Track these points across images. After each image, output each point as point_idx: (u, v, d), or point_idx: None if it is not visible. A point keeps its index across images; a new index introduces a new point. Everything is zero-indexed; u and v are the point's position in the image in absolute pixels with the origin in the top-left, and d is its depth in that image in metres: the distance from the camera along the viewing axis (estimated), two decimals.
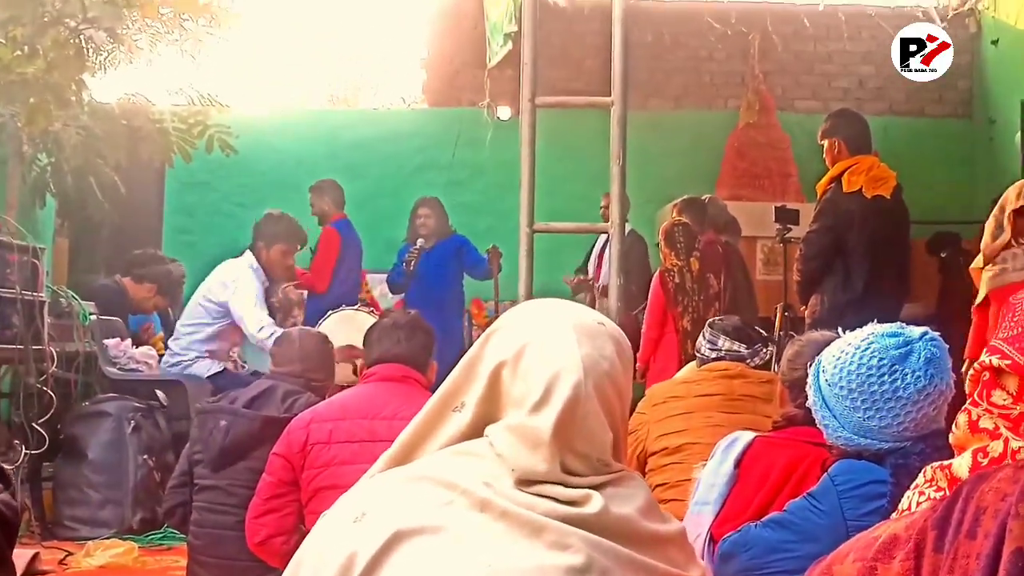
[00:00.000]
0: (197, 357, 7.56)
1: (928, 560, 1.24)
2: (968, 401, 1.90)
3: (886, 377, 2.54)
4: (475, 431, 1.84)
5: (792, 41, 11.45)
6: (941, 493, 1.89)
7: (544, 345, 1.82)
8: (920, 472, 2.03)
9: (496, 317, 1.99)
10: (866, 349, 2.58)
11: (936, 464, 1.97)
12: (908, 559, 1.27)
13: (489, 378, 1.83)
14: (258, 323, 7.27)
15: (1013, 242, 5.76)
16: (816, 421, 2.74)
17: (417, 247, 9.07)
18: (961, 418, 1.91)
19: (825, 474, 2.72)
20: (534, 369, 1.79)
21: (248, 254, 7.69)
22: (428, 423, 1.89)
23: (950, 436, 1.97)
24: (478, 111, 10.96)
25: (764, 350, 4.23)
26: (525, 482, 1.74)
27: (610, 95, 4.89)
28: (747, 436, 3.26)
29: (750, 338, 4.24)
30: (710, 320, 4.52)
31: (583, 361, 1.80)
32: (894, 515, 2.11)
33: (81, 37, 7.40)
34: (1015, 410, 1.81)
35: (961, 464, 1.87)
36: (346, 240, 9.16)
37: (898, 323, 2.67)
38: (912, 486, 2.04)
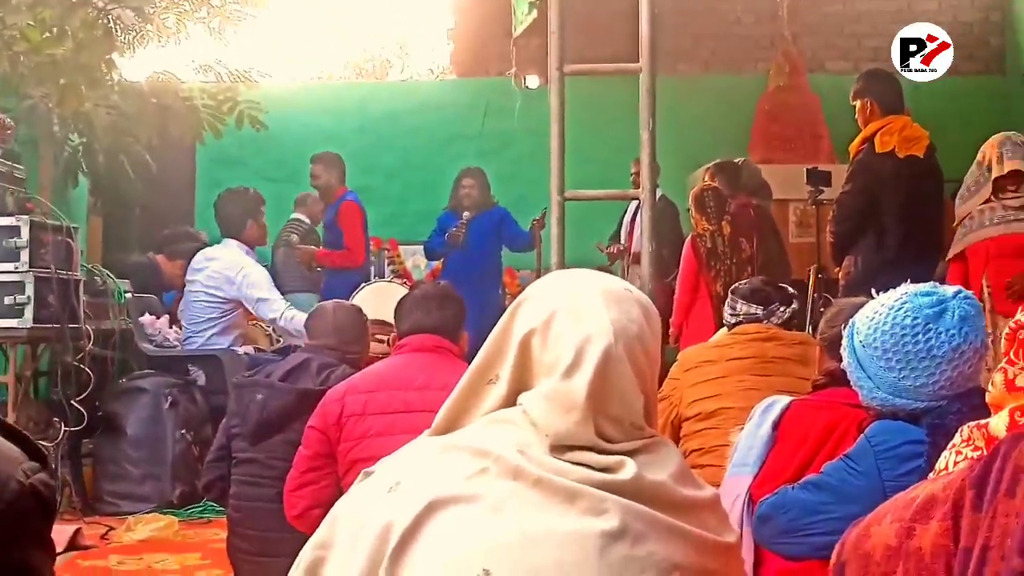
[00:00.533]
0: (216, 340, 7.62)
1: (967, 519, 1.24)
2: (1004, 360, 1.90)
3: (920, 336, 2.53)
4: (510, 401, 1.85)
5: (821, 2, 11.36)
6: (978, 452, 1.89)
7: (573, 311, 1.83)
8: (957, 432, 2.03)
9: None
10: (900, 308, 2.57)
11: (973, 423, 1.98)
12: (946, 519, 1.26)
13: (519, 347, 1.84)
14: (276, 311, 7.33)
15: (992, 198, 5.88)
16: (851, 383, 2.74)
17: (464, 219, 9.06)
18: (997, 377, 1.90)
19: (862, 435, 2.72)
20: (564, 335, 1.80)
21: (233, 242, 7.71)
22: (465, 397, 1.90)
23: (986, 395, 1.97)
24: (506, 81, 10.92)
25: (780, 309, 4.19)
26: (559, 448, 1.75)
27: (638, 61, 4.87)
28: (784, 400, 3.27)
29: (767, 298, 4.20)
30: (733, 286, 4.51)
31: (613, 325, 1.81)
32: (931, 475, 2.11)
33: (109, 17, 7.43)
34: None
35: (998, 423, 1.87)
36: (364, 210, 9.16)
37: (931, 283, 2.66)
38: (949, 446, 2.05)
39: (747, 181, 7.89)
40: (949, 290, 2.60)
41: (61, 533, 5.87)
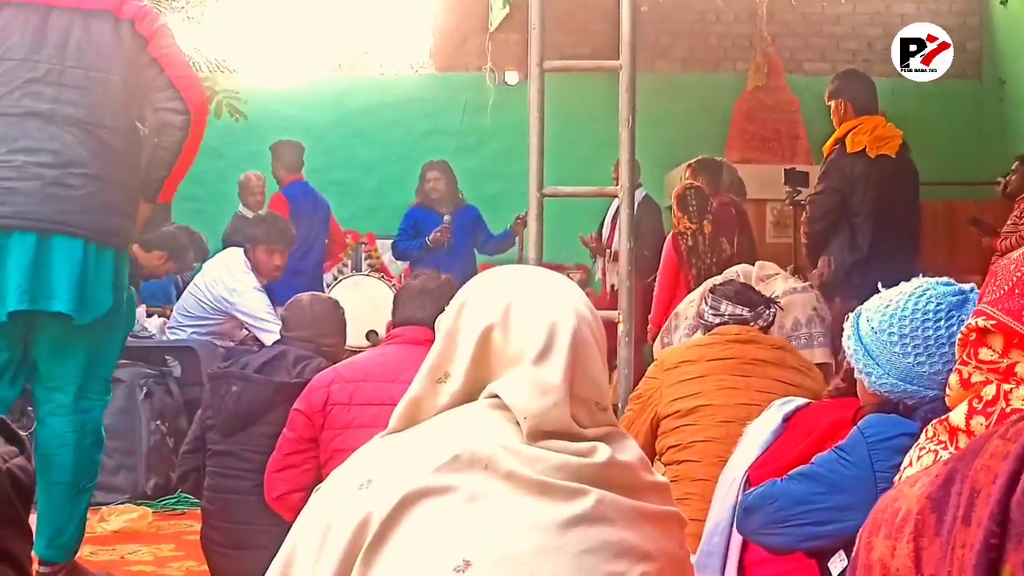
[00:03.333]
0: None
1: (929, 548, 1.24)
2: (958, 362, 2.00)
3: (942, 322, 2.55)
4: (465, 396, 1.88)
5: (800, 3, 11.40)
6: (942, 445, 1.99)
7: (531, 301, 1.88)
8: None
9: None
10: (920, 296, 2.59)
11: (935, 420, 2.06)
12: (911, 541, 1.27)
13: (478, 342, 1.87)
14: (273, 337, 7.28)
15: None
16: (856, 371, 2.74)
17: (447, 221, 8.84)
18: (953, 379, 2.00)
19: (854, 427, 2.74)
20: (528, 323, 1.85)
21: (239, 255, 7.54)
22: (418, 398, 1.92)
23: (946, 399, 2.06)
24: (482, 75, 10.94)
25: (767, 312, 4.24)
26: (536, 433, 1.78)
27: (618, 58, 4.88)
28: (802, 400, 3.32)
29: (752, 301, 4.25)
30: (711, 285, 4.53)
31: (574, 309, 1.87)
32: (898, 476, 2.16)
33: None
34: (1002, 363, 1.90)
35: (958, 414, 1.97)
36: (296, 204, 8.89)
37: (945, 277, 2.69)
38: (915, 444, 2.11)
39: (726, 180, 7.92)
40: (965, 285, 2.63)
41: (34, 523, 5.85)
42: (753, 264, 6.23)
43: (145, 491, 6.80)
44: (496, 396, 1.84)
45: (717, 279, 5.38)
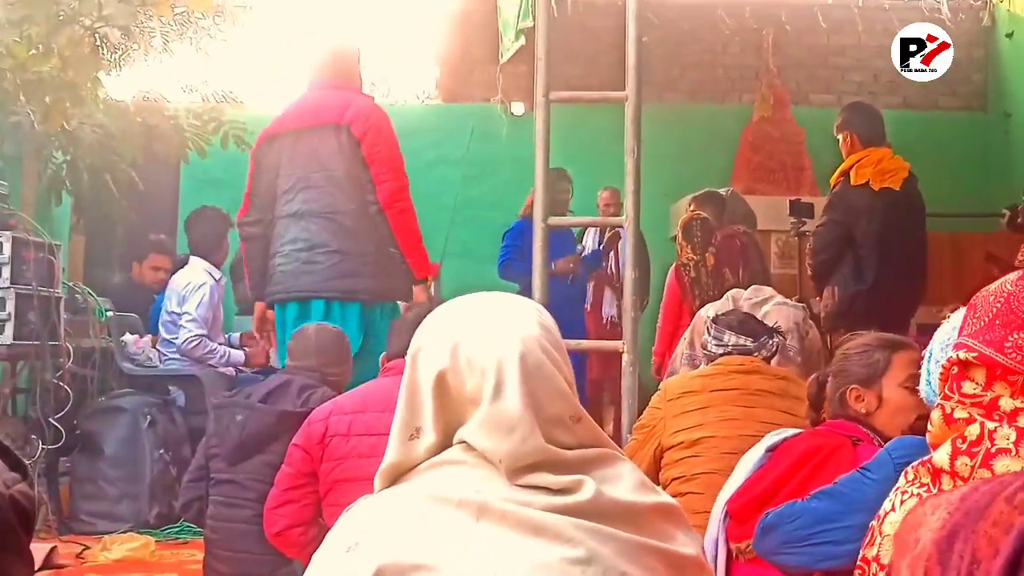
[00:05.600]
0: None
1: None
2: (940, 398, 1.98)
3: None
4: (441, 447, 1.84)
5: (806, 35, 11.42)
6: (924, 488, 1.96)
7: (474, 337, 1.83)
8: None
9: None
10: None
11: (915, 462, 2.02)
12: None
13: (434, 391, 1.83)
14: (186, 332, 7.60)
15: None
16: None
17: (579, 251, 8.58)
18: (935, 415, 1.98)
19: (882, 448, 2.73)
20: (477, 361, 1.80)
21: (199, 262, 7.87)
22: (396, 460, 1.87)
23: (927, 435, 2.03)
24: (492, 107, 10.95)
25: (770, 342, 4.23)
26: (516, 471, 1.74)
27: (624, 89, 4.89)
28: (791, 431, 3.32)
29: (755, 331, 4.24)
30: (713, 316, 4.52)
31: (518, 332, 1.83)
32: (875, 520, 2.13)
33: (96, 35, 7.42)
34: (986, 397, 1.89)
35: (941, 454, 1.94)
36: None
37: None
38: (894, 488, 2.09)
39: (733, 211, 7.90)
40: None
41: (36, 551, 5.82)
42: None
43: (148, 520, 6.80)
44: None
45: (711, 307, 5.37)
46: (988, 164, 11.15)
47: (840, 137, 6.44)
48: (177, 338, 7.54)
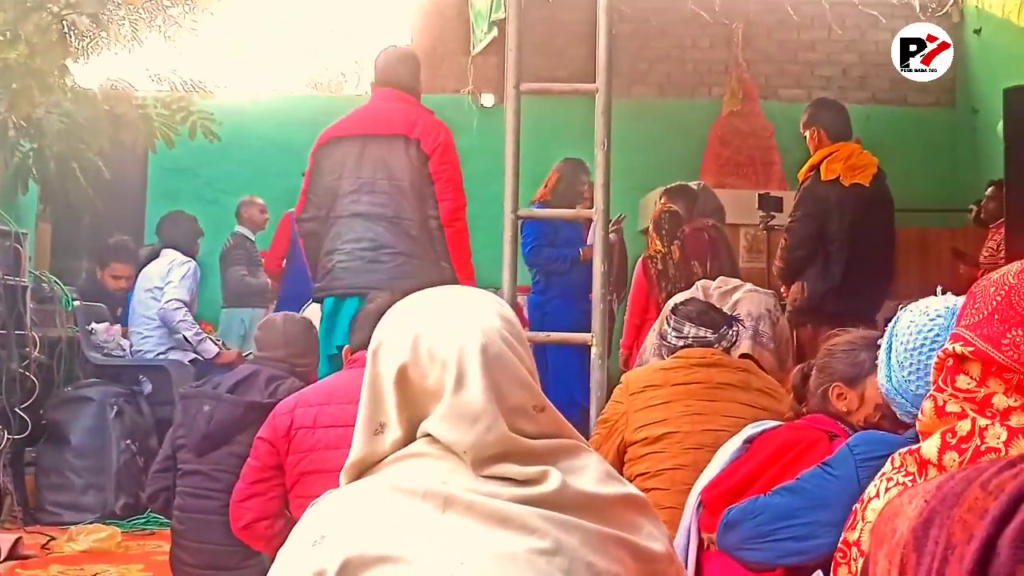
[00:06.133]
0: (170, 348, 7.65)
1: None
2: (932, 388, 1.94)
3: (937, 350, 2.49)
4: (407, 440, 1.84)
5: (776, 29, 11.46)
6: (910, 478, 1.93)
7: (434, 329, 1.84)
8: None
9: None
10: (935, 318, 2.52)
11: (904, 450, 1.99)
12: (899, 573, 1.26)
13: (396, 385, 1.83)
14: (168, 300, 7.81)
15: None
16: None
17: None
18: (927, 404, 1.93)
19: (843, 444, 2.73)
20: (438, 353, 1.80)
21: (171, 251, 8.11)
22: (362, 455, 1.87)
23: (916, 424, 2.00)
24: (462, 98, 10.94)
25: (730, 332, 4.23)
26: (481, 462, 1.74)
27: (594, 82, 4.90)
28: (771, 423, 3.32)
29: (715, 322, 4.22)
30: (672, 306, 4.48)
31: (477, 323, 1.84)
32: (858, 504, 2.12)
33: (64, 22, 7.37)
34: (979, 393, 1.85)
35: (930, 446, 1.90)
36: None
37: None
38: (879, 474, 2.05)
39: (704, 205, 7.92)
40: None
41: (2, 542, 5.81)
42: None
43: (114, 510, 6.78)
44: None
45: (679, 297, 5.36)
46: (956, 160, 11.22)
47: (807, 134, 6.45)
48: (155, 312, 7.57)
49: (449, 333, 1.82)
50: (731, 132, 10.89)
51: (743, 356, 5.00)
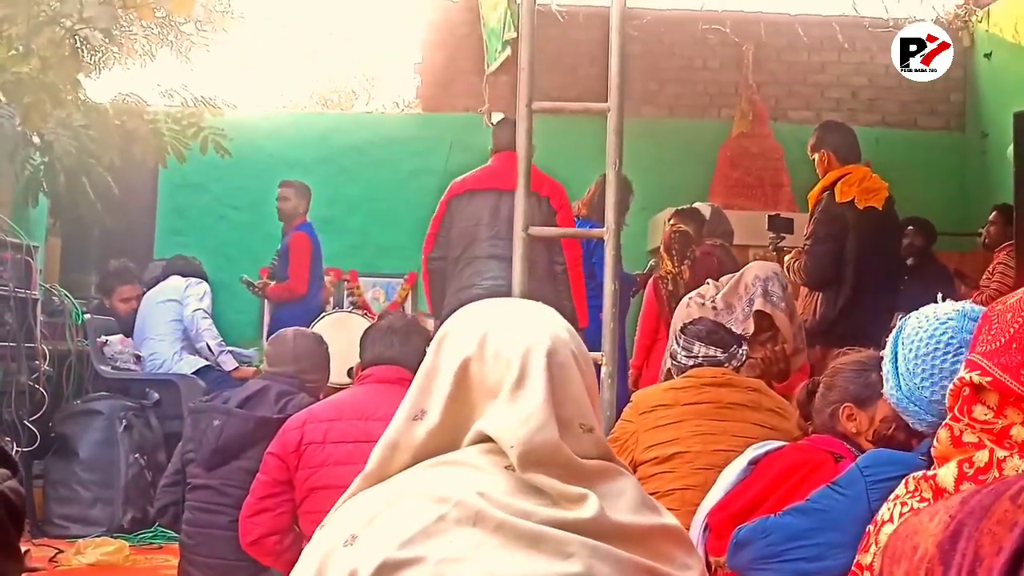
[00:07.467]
0: (183, 350, 7.72)
1: None
2: (949, 416, 1.90)
3: (950, 355, 2.48)
4: (445, 434, 1.83)
5: (786, 51, 11.47)
6: (925, 504, 1.88)
7: (505, 329, 1.85)
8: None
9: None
10: (944, 323, 2.52)
11: (918, 474, 1.97)
12: None
13: (456, 376, 1.83)
14: (195, 310, 8.28)
15: None
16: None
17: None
18: (943, 433, 1.90)
19: (852, 464, 2.72)
20: (504, 351, 1.81)
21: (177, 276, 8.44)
22: (395, 437, 1.86)
23: (932, 449, 1.97)
24: (473, 116, 10.94)
25: (740, 351, 4.23)
26: (527, 462, 1.72)
27: (606, 101, 4.90)
28: (775, 444, 3.31)
29: (725, 342, 4.22)
30: (681, 326, 4.48)
31: (548, 332, 1.84)
32: (871, 525, 2.10)
33: (76, 37, 7.40)
34: (997, 424, 1.81)
35: (946, 474, 1.88)
36: (315, 243, 9.19)
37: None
38: (892, 497, 2.03)
39: (715, 227, 7.92)
40: None
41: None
42: None
43: (122, 524, 6.77)
44: (483, 440, 1.79)
45: (685, 311, 5.32)
46: (965, 183, 11.21)
47: (815, 157, 6.45)
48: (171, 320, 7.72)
49: (518, 334, 1.83)
50: (740, 153, 10.88)
51: (757, 313, 5.01)
